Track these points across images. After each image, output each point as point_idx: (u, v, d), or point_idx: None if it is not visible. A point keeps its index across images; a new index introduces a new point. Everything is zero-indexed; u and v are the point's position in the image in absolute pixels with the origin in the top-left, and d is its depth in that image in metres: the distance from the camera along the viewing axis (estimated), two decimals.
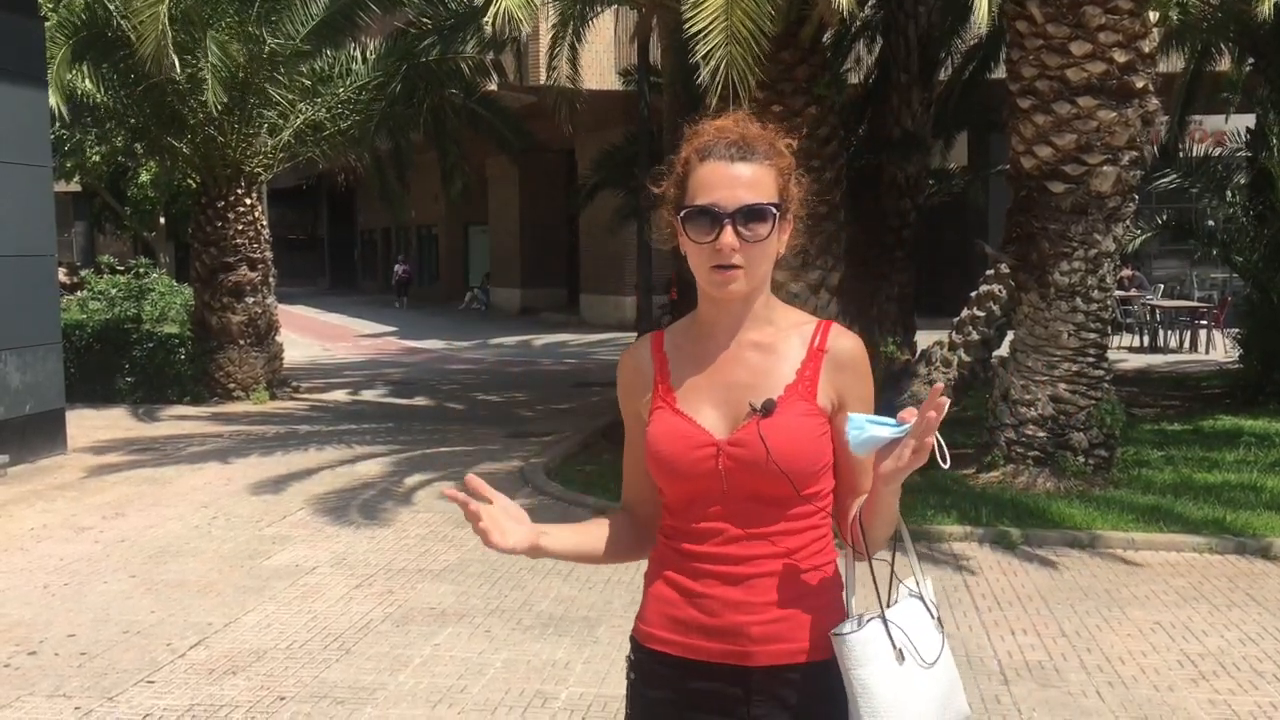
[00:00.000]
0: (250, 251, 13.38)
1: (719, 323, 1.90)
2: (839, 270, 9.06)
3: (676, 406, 1.89)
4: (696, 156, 1.84)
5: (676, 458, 1.86)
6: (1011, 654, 4.97)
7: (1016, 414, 7.81)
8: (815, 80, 8.80)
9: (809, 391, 1.86)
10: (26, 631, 5.30)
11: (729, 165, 1.81)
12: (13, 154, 9.15)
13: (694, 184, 1.83)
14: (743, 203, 1.79)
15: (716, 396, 1.89)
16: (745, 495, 1.84)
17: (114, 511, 7.68)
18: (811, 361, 1.88)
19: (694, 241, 1.82)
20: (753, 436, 1.82)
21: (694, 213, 1.81)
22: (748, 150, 1.83)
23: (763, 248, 1.81)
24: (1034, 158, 7.66)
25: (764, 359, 1.89)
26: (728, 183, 1.80)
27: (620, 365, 2.02)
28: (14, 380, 9.17)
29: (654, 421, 1.90)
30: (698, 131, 1.89)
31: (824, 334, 1.91)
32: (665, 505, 1.93)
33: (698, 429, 1.86)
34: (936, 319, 14.29)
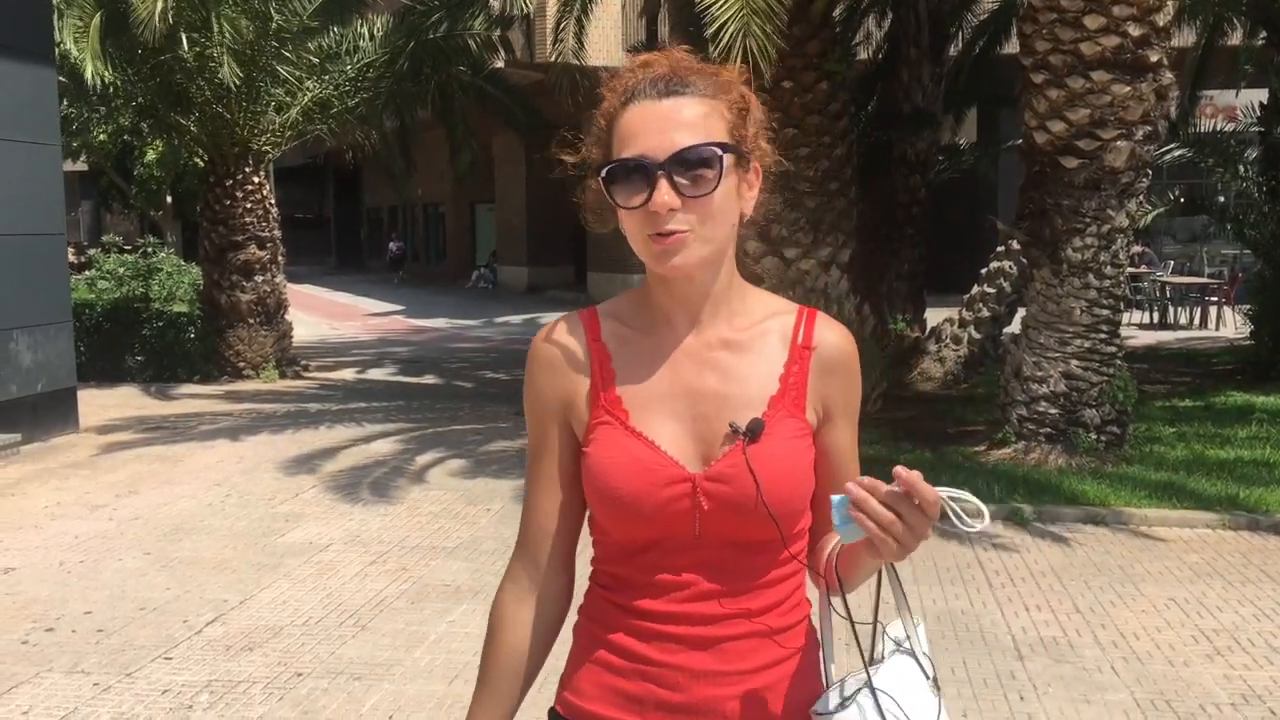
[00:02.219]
0: (259, 230, 13.38)
1: (676, 311, 1.47)
2: (849, 247, 9.04)
3: (630, 424, 1.44)
4: (619, 102, 1.42)
5: (639, 497, 1.41)
6: (1025, 630, 4.98)
7: (1028, 391, 7.79)
8: (826, 56, 8.75)
9: (797, 404, 1.47)
10: (44, 609, 5.32)
11: (657, 104, 1.39)
12: (21, 132, 9.14)
13: (618, 136, 1.40)
14: (677, 146, 1.36)
15: (680, 410, 1.45)
16: (723, 541, 1.44)
17: (127, 489, 7.70)
18: (796, 363, 1.48)
19: (623, 207, 1.39)
20: (739, 469, 1.41)
21: (617, 170, 1.38)
22: (680, 83, 1.40)
23: (712, 204, 1.37)
24: (1047, 133, 7.62)
25: (738, 360, 1.47)
26: (657, 125, 1.37)
27: (535, 354, 1.51)
28: (25, 359, 9.19)
29: (598, 443, 1.44)
30: (620, 73, 1.46)
31: (808, 327, 1.50)
32: (603, 546, 1.51)
33: (664, 458, 1.43)
34: (945, 296, 14.27)
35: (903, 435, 8.69)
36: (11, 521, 6.89)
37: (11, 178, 9.02)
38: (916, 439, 8.58)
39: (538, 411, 1.51)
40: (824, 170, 8.82)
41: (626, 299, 1.54)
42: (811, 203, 8.80)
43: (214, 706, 4.23)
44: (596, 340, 1.49)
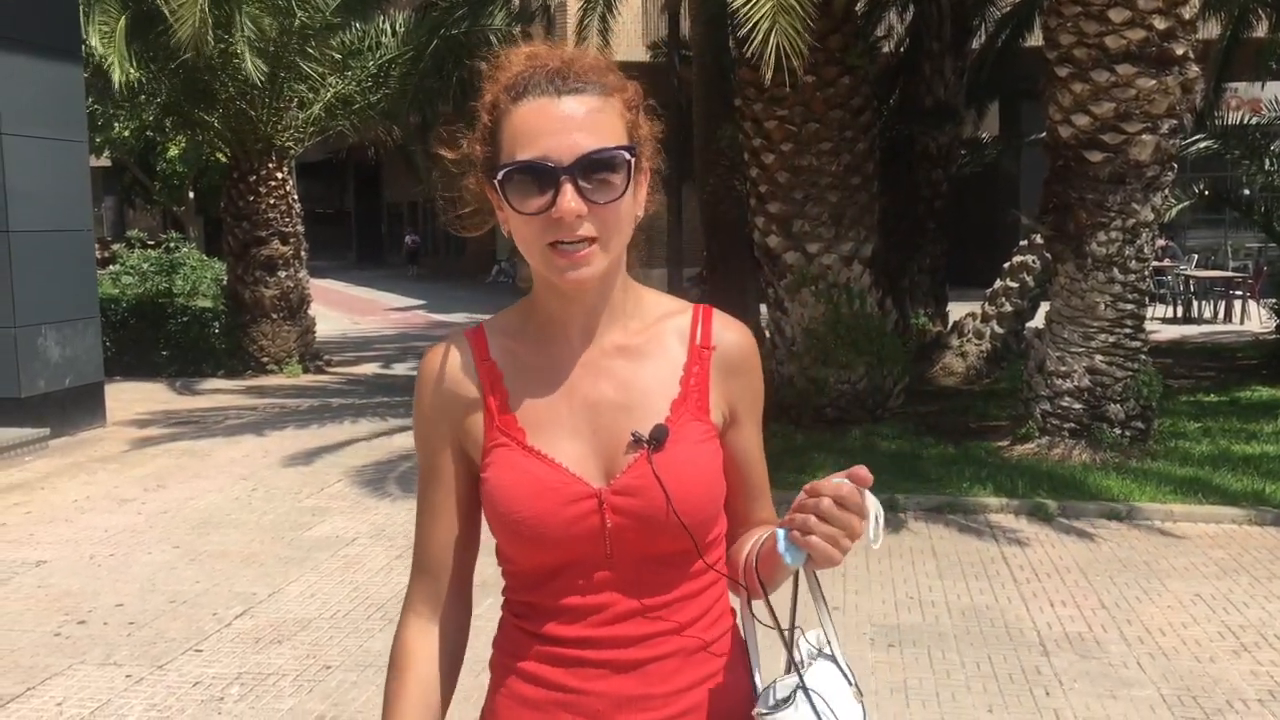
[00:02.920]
0: (282, 225, 13.46)
1: (568, 321, 1.39)
2: (871, 242, 9.02)
3: (527, 443, 1.37)
4: (507, 97, 1.32)
5: (543, 518, 1.34)
6: (1050, 626, 4.98)
7: (1052, 386, 7.77)
8: (848, 50, 8.73)
9: (700, 406, 1.40)
10: (75, 601, 5.39)
11: (555, 101, 1.30)
12: (49, 129, 9.22)
13: (509, 134, 1.31)
14: (583, 150, 1.28)
15: (578, 424, 1.38)
16: (636, 558, 1.37)
17: (155, 483, 7.77)
18: (696, 364, 1.41)
19: (521, 212, 1.30)
20: (646, 480, 1.34)
21: (515, 172, 1.29)
22: (577, 79, 1.32)
23: (617, 210, 1.31)
24: (1071, 126, 7.59)
25: (636, 367, 1.40)
26: (558, 125, 1.29)
27: (422, 377, 1.43)
28: (54, 354, 9.28)
29: (495, 465, 1.37)
30: (502, 64, 1.36)
31: (706, 326, 1.44)
32: (512, 574, 1.43)
33: (565, 475, 1.35)
34: (966, 290, 14.22)
35: (924, 430, 8.68)
36: (42, 515, 6.97)
37: (39, 175, 9.11)
38: (938, 434, 8.56)
39: (427, 437, 1.43)
40: (846, 165, 8.80)
41: (514, 312, 1.45)
42: (833, 197, 8.79)
43: (245, 698, 4.28)
44: (485, 359, 1.41)
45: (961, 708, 4.16)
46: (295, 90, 13.15)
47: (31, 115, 9.00)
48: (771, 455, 5.81)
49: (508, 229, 1.35)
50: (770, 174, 8.87)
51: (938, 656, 4.64)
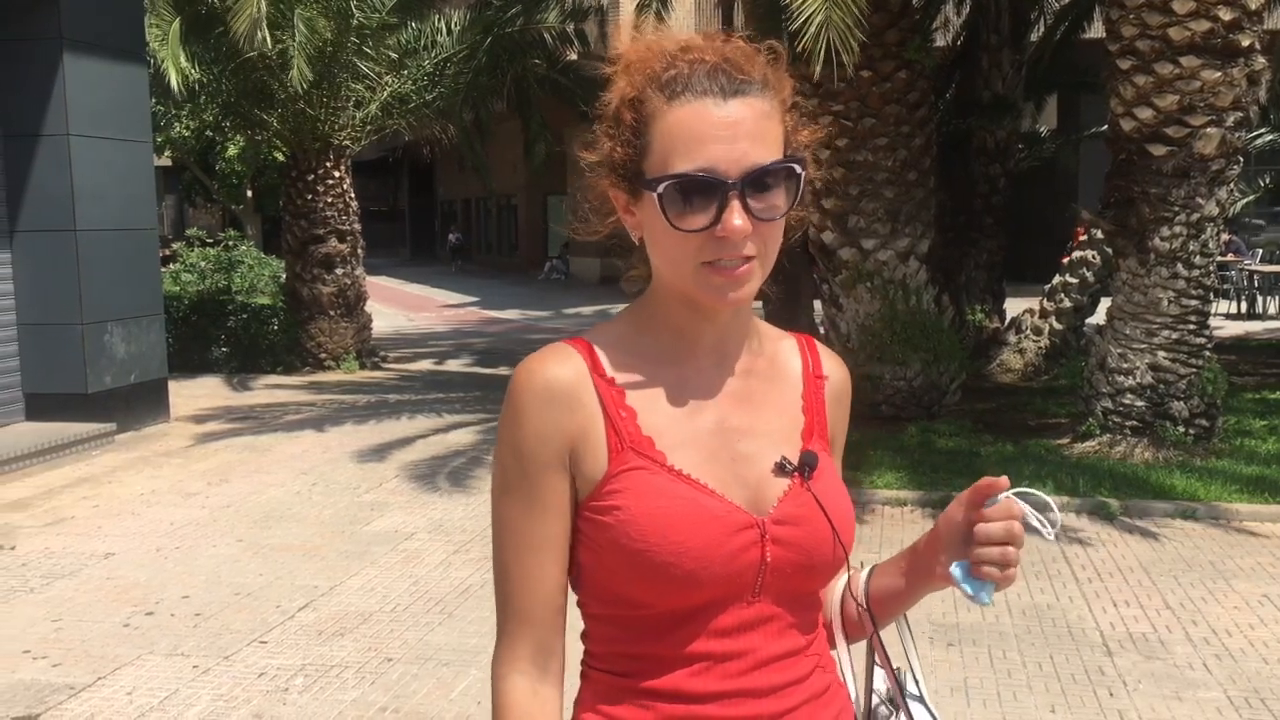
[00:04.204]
0: (339, 224, 13.61)
1: (699, 338, 1.28)
2: (928, 237, 8.95)
3: (670, 464, 1.23)
4: (659, 94, 1.19)
5: (706, 551, 1.19)
6: (1114, 626, 4.92)
7: (1114, 383, 7.67)
8: (905, 44, 8.67)
9: (823, 435, 1.34)
10: (143, 593, 5.50)
11: (720, 104, 1.16)
12: (115, 130, 9.40)
13: (663, 138, 1.18)
14: (753, 163, 1.16)
15: (718, 449, 1.25)
16: (782, 596, 1.25)
17: (218, 478, 7.91)
18: (814, 393, 1.35)
19: (680, 229, 1.17)
20: (808, 509, 1.25)
21: (677, 185, 1.16)
22: (741, 79, 1.18)
23: (778, 227, 1.21)
24: (1134, 120, 7.47)
25: (765, 391, 1.31)
26: (724, 132, 1.16)
27: (527, 388, 1.24)
28: (120, 351, 9.47)
29: (635, 492, 1.21)
30: (646, 54, 1.22)
31: (814, 355, 1.39)
32: (622, 624, 1.26)
33: (726, 503, 1.22)
34: (1023, 285, 14.07)
35: (982, 428, 8.60)
36: (110, 508, 7.12)
37: (107, 175, 9.29)
38: (996, 431, 8.48)
39: (536, 458, 1.23)
40: (902, 160, 8.74)
41: (620, 326, 1.31)
42: (890, 193, 8.73)
43: (309, 689, 4.34)
44: (602, 375, 1.25)
45: (1024, 708, 4.12)
46: (352, 90, 13.29)
47: (98, 117, 9.19)
48: None
49: (639, 236, 1.25)
50: (825, 169, 8.82)
51: (998, 656, 4.60)
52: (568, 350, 1.26)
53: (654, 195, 1.18)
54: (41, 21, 8.81)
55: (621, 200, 1.25)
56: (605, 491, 1.22)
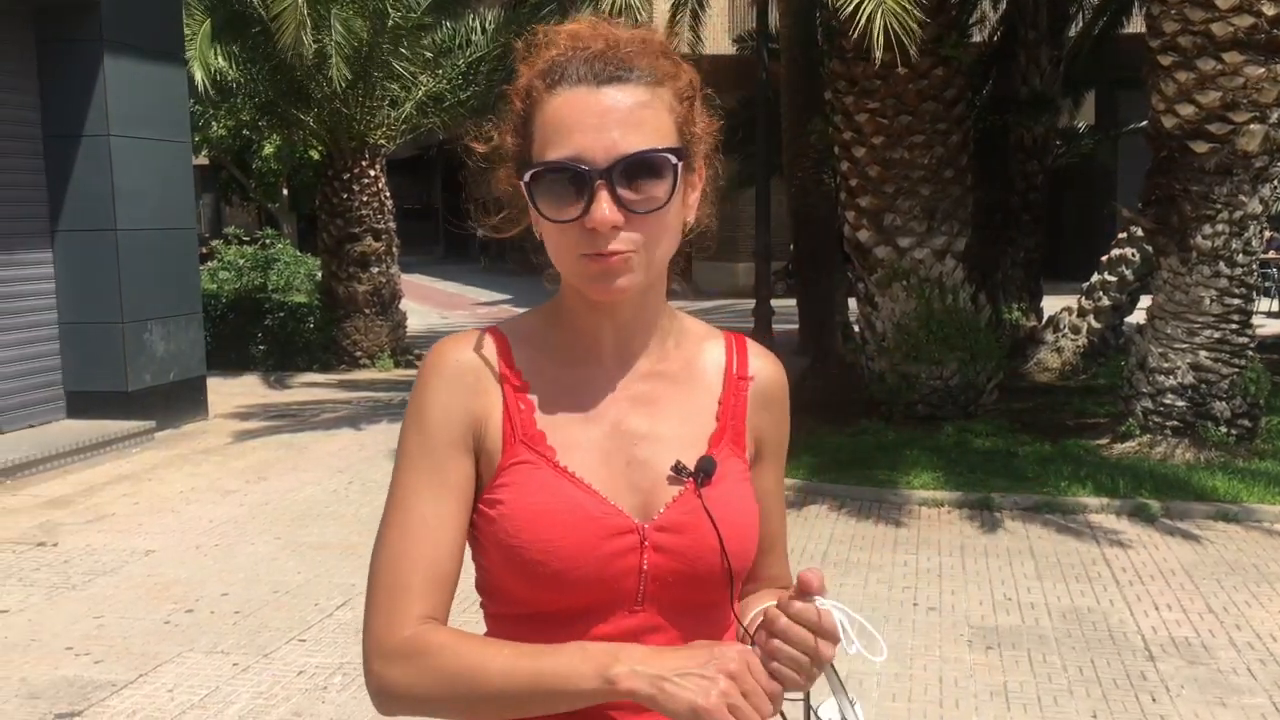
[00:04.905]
0: (375, 222, 13.69)
1: (599, 337, 1.24)
2: (965, 235, 8.89)
3: (558, 462, 1.20)
4: (542, 83, 1.16)
5: (578, 553, 1.16)
6: (1156, 630, 4.86)
7: (1154, 382, 7.58)
8: (942, 40, 8.59)
9: (738, 441, 1.28)
10: (183, 590, 5.55)
11: (594, 91, 1.13)
12: (155, 131, 9.49)
13: (542, 127, 1.15)
14: (622, 152, 1.12)
15: (612, 453, 1.22)
16: (667, 606, 1.20)
17: (256, 476, 7.98)
18: (734, 396, 1.29)
19: (550, 219, 1.15)
20: (695, 516, 1.19)
21: (546, 173, 1.14)
22: (621, 65, 1.14)
23: (661, 220, 1.15)
24: (1175, 116, 7.38)
25: (672, 394, 1.26)
26: (594, 120, 1.12)
27: (440, 364, 1.23)
28: (159, 349, 9.56)
29: (520, 486, 1.18)
30: (540, 42, 1.20)
31: (741, 355, 1.32)
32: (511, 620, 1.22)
33: (607, 505, 1.18)
34: (1060, 283, 13.94)
35: (1019, 427, 8.52)
36: (151, 505, 7.20)
37: (147, 175, 9.39)
38: (1034, 431, 8.40)
39: (440, 434, 1.19)
40: (939, 158, 8.68)
41: (537, 319, 1.29)
42: (926, 191, 8.67)
43: (347, 688, 4.37)
44: (510, 366, 1.23)
45: (1065, 713, 4.08)
46: (388, 89, 13.36)
47: (138, 117, 9.28)
48: (862, 452, 5.85)
49: (539, 231, 1.19)
50: (861, 167, 8.78)
51: (1038, 660, 4.56)
52: (482, 337, 1.26)
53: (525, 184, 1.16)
54: (82, 24, 8.91)
55: (523, 189, 1.19)
56: (495, 484, 1.20)
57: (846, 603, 1.17)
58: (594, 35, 1.17)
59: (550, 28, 1.20)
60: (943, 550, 6.01)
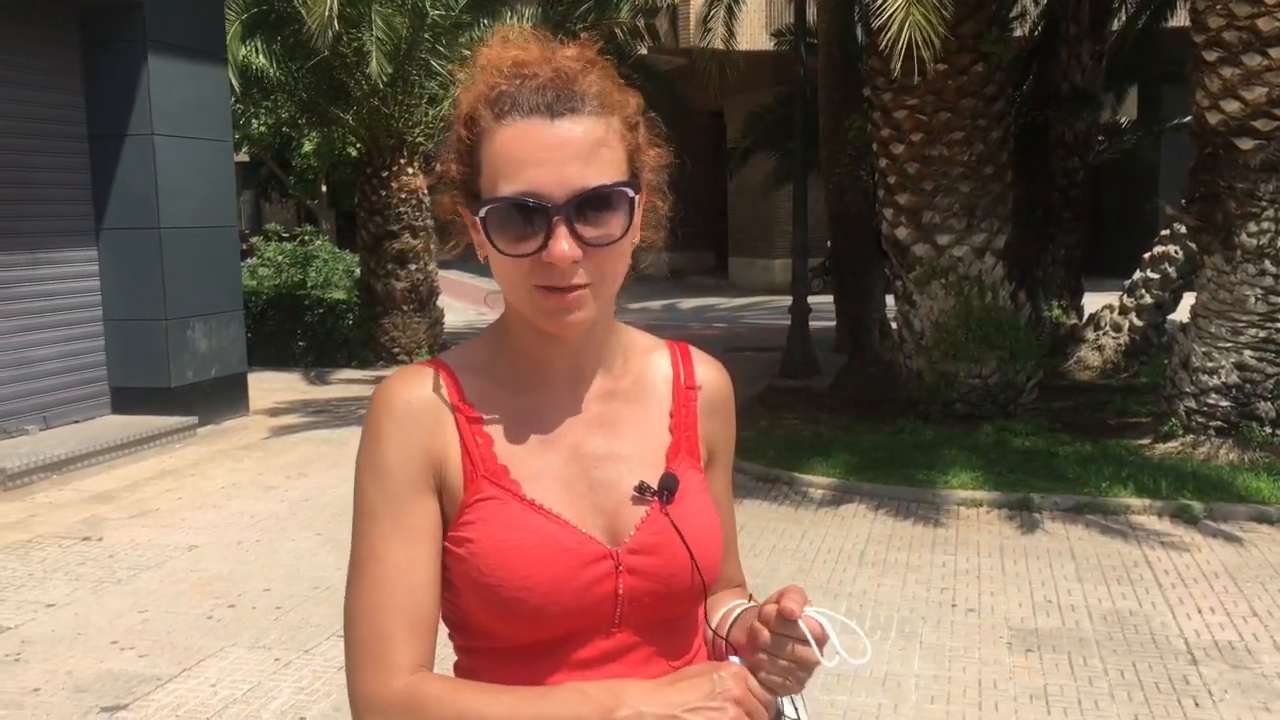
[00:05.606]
0: (412, 220, 13.77)
1: (550, 364, 1.23)
2: (1005, 233, 8.81)
3: (524, 495, 1.18)
4: (489, 112, 1.14)
5: (555, 585, 1.15)
6: (1199, 633, 4.81)
7: (1197, 382, 7.49)
8: (982, 37, 8.53)
9: (692, 452, 1.28)
10: (226, 585, 5.62)
11: (547, 125, 1.12)
12: (198, 130, 9.60)
13: (492, 159, 1.13)
14: (579, 187, 1.11)
15: (574, 479, 1.21)
16: (643, 625, 1.21)
17: (296, 471, 8.06)
18: (684, 407, 1.30)
19: (505, 254, 1.13)
20: (664, 535, 1.20)
21: (500, 210, 1.12)
22: (571, 97, 1.13)
23: (615, 252, 1.15)
24: (1220, 113, 7.28)
25: (625, 413, 1.26)
26: (549, 155, 1.11)
27: (390, 404, 1.19)
28: (201, 346, 9.68)
29: (485, 523, 1.16)
30: (481, 66, 1.17)
31: (687, 365, 1.33)
32: (485, 654, 1.21)
33: (578, 534, 1.18)
34: (1101, 281, 13.80)
35: (1060, 427, 8.44)
36: (193, 501, 7.29)
37: (190, 174, 9.50)
38: (1074, 431, 8.32)
39: (398, 478, 1.17)
40: (978, 155, 8.61)
41: (481, 350, 1.26)
42: (965, 188, 8.60)
43: None
44: (462, 399, 1.21)
45: (1105, 716, 4.05)
46: (426, 87, 13.43)
47: (181, 116, 9.39)
48: (900, 452, 5.83)
49: (484, 256, 1.18)
50: (899, 165, 8.73)
51: (1079, 663, 4.52)
52: (426, 372, 1.22)
53: (480, 219, 1.14)
54: (126, 24, 9.03)
55: (468, 217, 1.18)
56: (460, 522, 1.18)
57: (885, 604, 1.20)
58: (541, 61, 1.15)
59: (488, 49, 1.18)
60: (982, 551, 5.97)
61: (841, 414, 9.34)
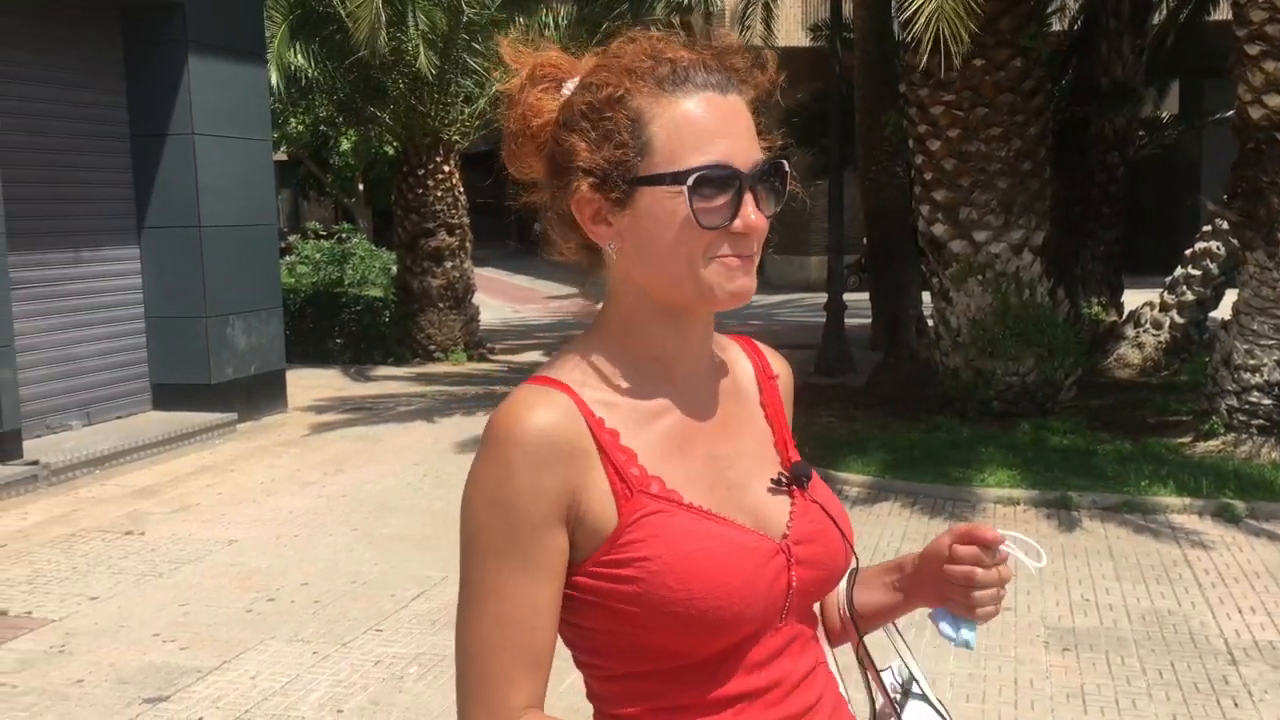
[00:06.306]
0: (448, 217, 13.84)
1: (675, 359, 1.21)
2: (1043, 229, 8.74)
3: (687, 502, 1.15)
4: (656, 89, 1.12)
5: (749, 588, 1.14)
6: (1239, 633, 4.75)
7: (1239, 380, 7.40)
8: (1020, 31, 8.46)
9: (790, 441, 1.31)
10: (265, 579, 5.69)
11: (722, 98, 1.13)
12: (237, 129, 9.71)
13: (669, 131, 1.12)
14: (758, 157, 1.13)
15: (712, 477, 1.20)
16: (801, 616, 1.23)
17: (334, 468, 8.13)
18: (771, 397, 1.32)
19: (704, 226, 1.11)
20: (819, 523, 1.22)
21: (704, 179, 1.10)
22: (734, 74, 1.16)
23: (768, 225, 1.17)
24: (1263, 107, 7.19)
25: (733, 408, 1.26)
26: (729, 126, 1.12)
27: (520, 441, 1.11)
28: (241, 343, 9.79)
29: (660, 539, 1.12)
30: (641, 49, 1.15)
31: (760, 355, 1.35)
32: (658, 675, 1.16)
33: (751, 534, 1.17)
34: (1141, 277, 13.64)
35: (1098, 425, 8.37)
36: (233, 496, 7.38)
37: (229, 173, 9.61)
38: (1114, 429, 8.25)
39: (530, 516, 1.11)
40: (1016, 150, 8.54)
41: (595, 358, 1.20)
42: (1003, 184, 8.54)
43: (423, 678, 4.45)
44: (593, 417, 1.15)
45: (1143, 716, 4.02)
46: (461, 85, 13.50)
47: (221, 116, 9.50)
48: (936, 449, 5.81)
49: (616, 246, 1.16)
50: (936, 160, 8.68)
51: (1116, 662, 4.48)
52: (552, 394, 1.15)
53: (680, 190, 1.10)
54: (167, 25, 9.15)
55: (592, 209, 1.15)
56: (622, 544, 1.12)
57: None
58: (678, 43, 1.16)
59: (630, 39, 1.18)
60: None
61: (877, 411, 9.30)
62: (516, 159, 1.23)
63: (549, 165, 1.19)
